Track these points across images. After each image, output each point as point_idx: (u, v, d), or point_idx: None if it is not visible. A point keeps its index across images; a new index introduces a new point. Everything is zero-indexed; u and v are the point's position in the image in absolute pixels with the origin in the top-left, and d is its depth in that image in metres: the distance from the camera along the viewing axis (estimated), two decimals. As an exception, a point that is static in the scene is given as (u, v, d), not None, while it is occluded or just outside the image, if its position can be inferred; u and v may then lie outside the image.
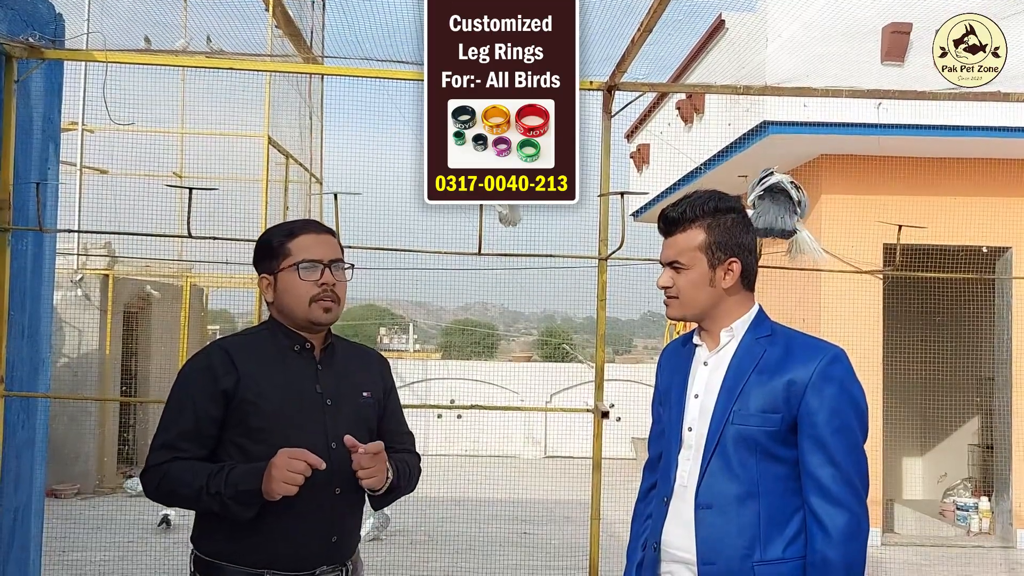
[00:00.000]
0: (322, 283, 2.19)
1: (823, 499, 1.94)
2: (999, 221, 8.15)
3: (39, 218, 3.79)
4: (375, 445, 2.10)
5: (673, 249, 2.12)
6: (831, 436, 1.95)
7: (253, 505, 2.02)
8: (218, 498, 2.02)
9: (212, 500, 2.03)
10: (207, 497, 2.03)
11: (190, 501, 2.08)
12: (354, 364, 2.32)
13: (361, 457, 2.06)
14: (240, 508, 2.03)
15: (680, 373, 2.16)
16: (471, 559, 7.13)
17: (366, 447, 2.08)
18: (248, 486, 2.00)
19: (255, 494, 2.00)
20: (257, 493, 2.00)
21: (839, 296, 7.92)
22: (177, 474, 2.08)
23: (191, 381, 2.16)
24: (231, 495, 2.01)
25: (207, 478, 2.04)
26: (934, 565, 7.54)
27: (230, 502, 2.02)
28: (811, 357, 2.00)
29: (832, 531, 1.91)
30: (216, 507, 2.04)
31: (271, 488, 1.98)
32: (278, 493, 1.98)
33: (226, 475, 2.03)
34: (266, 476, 1.99)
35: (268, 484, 1.99)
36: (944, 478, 9.86)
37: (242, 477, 2.02)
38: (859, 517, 1.94)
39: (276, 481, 1.97)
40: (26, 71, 3.81)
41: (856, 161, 8.12)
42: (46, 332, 4.29)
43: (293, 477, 1.97)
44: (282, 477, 1.97)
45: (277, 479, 1.97)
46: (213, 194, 6.64)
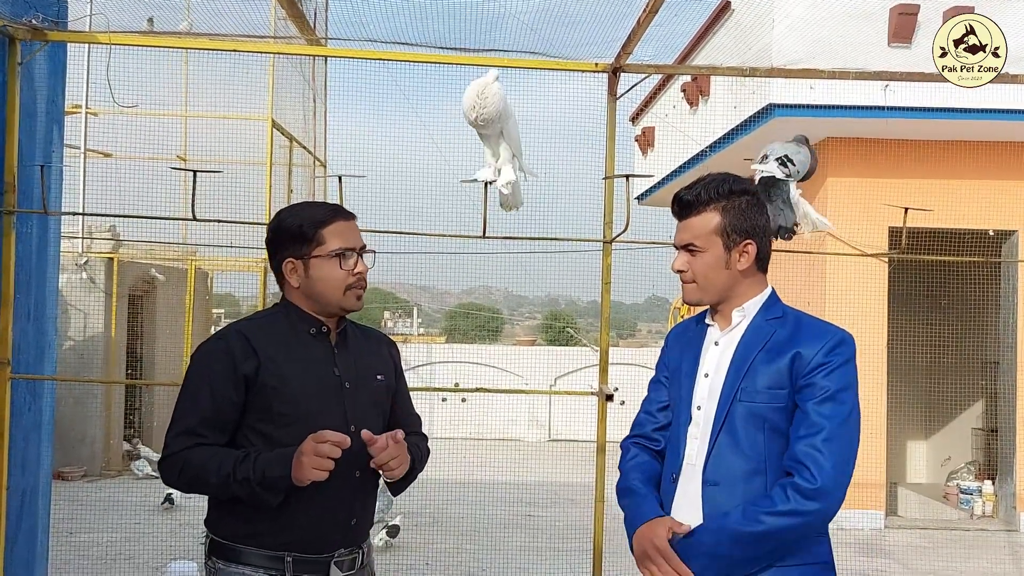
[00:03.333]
0: (357, 272, 2.20)
1: (813, 449, 1.91)
2: (1005, 204, 8.11)
3: (44, 201, 3.79)
4: (398, 433, 2.09)
5: (688, 232, 2.11)
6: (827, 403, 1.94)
7: (281, 491, 2.02)
8: (246, 484, 2.01)
9: (240, 487, 2.02)
10: (235, 484, 2.02)
11: (216, 488, 2.07)
12: (366, 347, 2.32)
13: (383, 446, 2.05)
14: (269, 494, 2.02)
15: (691, 352, 2.16)
16: (476, 541, 7.17)
17: (389, 435, 2.07)
18: (277, 472, 1.99)
19: (284, 480, 1.99)
20: (286, 479, 1.99)
21: (844, 279, 7.90)
22: (200, 461, 2.06)
23: (209, 366, 2.14)
24: (259, 481, 2.00)
25: (233, 465, 2.02)
26: (937, 548, 7.56)
27: (258, 488, 2.01)
28: (819, 337, 2.01)
29: (809, 484, 1.89)
30: (244, 494, 2.03)
31: (301, 475, 1.97)
32: (308, 479, 1.98)
33: (253, 462, 2.02)
34: (295, 463, 1.98)
35: (298, 471, 1.97)
36: (948, 461, 9.88)
37: (270, 463, 2.01)
38: (830, 503, 1.91)
39: (306, 468, 1.96)
40: (29, 53, 3.80)
41: (862, 144, 8.08)
42: (52, 315, 4.30)
43: (322, 462, 1.96)
44: (312, 463, 1.96)
45: (307, 465, 1.96)
46: (217, 177, 6.62)
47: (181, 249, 10.29)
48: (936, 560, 7.15)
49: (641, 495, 2.12)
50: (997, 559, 7.33)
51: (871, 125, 7.63)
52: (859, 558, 7.00)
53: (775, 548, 1.93)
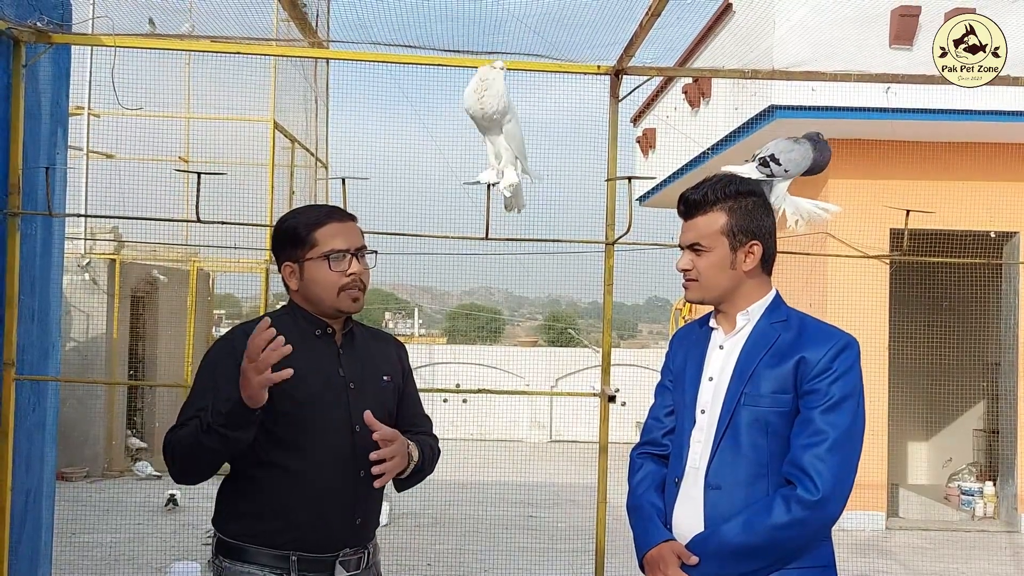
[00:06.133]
0: (350, 273, 2.20)
1: (816, 457, 1.92)
2: (1007, 206, 8.12)
3: (48, 203, 3.80)
4: (391, 432, 2.10)
5: (694, 232, 2.11)
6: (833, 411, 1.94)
7: (247, 423, 1.99)
8: (214, 433, 1.98)
9: (210, 438, 1.99)
10: (204, 437, 2.00)
11: (197, 452, 2.05)
12: (373, 348, 2.33)
13: (382, 443, 2.06)
14: (238, 431, 1.99)
15: (695, 355, 2.16)
16: (477, 542, 7.17)
17: (381, 431, 2.07)
18: (231, 406, 1.96)
19: (240, 407, 1.96)
20: (240, 404, 1.95)
21: (845, 280, 7.91)
22: (181, 435, 2.07)
23: (214, 366, 2.16)
24: (221, 422, 1.97)
25: (201, 422, 2.01)
26: (938, 549, 7.57)
27: (223, 430, 1.98)
28: (824, 342, 2.00)
29: (810, 492, 1.90)
30: (217, 443, 2.00)
31: (249, 390, 1.93)
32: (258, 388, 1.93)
33: (211, 407, 2.00)
34: (241, 383, 1.94)
35: (246, 388, 1.93)
36: (949, 463, 9.88)
37: (222, 401, 1.98)
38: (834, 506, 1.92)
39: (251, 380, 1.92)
40: (34, 56, 3.81)
41: (863, 145, 8.09)
42: (56, 316, 4.31)
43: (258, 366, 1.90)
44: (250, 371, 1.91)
45: (250, 377, 1.92)
46: (219, 179, 6.60)
47: (183, 250, 10.31)
48: (937, 561, 7.16)
49: (647, 514, 2.12)
50: (998, 560, 7.33)
51: (872, 127, 7.64)
52: (860, 559, 7.00)
53: (778, 558, 1.95)
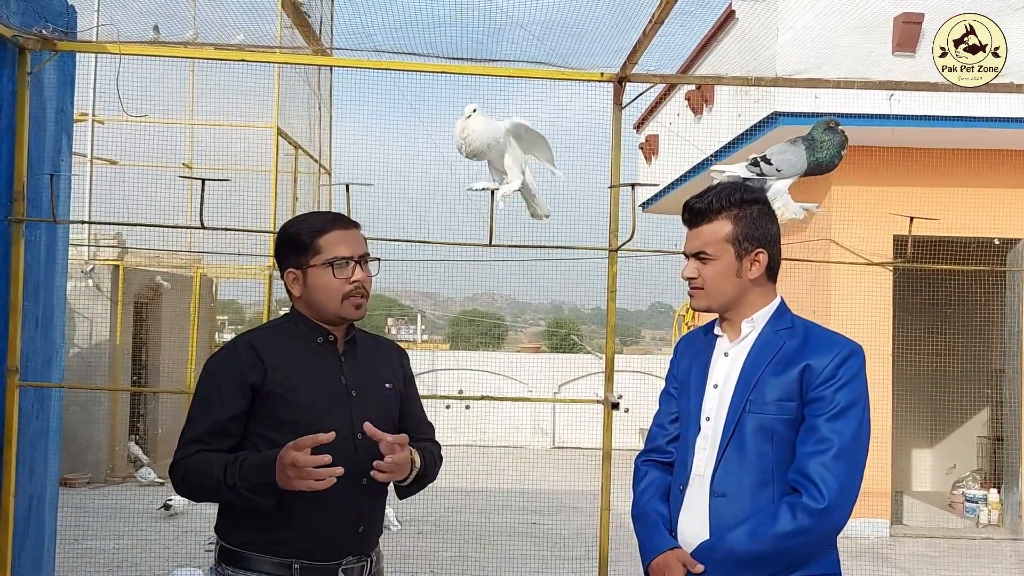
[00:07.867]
0: (354, 280, 2.20)
1: (822, 465, 1.92)
2: (1011, 213, 8.11)
3: (53, 210, 3.81)
4: (401, 437, 2.10)
5: (699, 240, 2.11)
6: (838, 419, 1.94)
7: (273, 494, 2.03)
8: (236, 491, 2.03)
9: (231, 492, 2.03)
10: (226, 489, 2.04)
11: (213, 493, 2.09)
12: (375, 355, 2.33)
13: (389, 448, 2.06)
14: (260, 498, 2.03)
15: (700, 362, 2.16)
16: (480, 549, 7.16)
17: (393, 438, 2.08)
18: (262, 479, 2.00)
19: (271, 486, 2.01)
20: (272, 485, 2.00)
21: (849, 287, 7.90)
22: (197, 466, 2.09)
23: (217, 375, 2.17)
24: (247, 487, 2.02)
25: (223, 470, 2.04)
26: (943, 557, 7.54)
27: (247, 494, 2.02)
28: (829, 349, 2.00)
29: (816, 501, 1.90)
30: (237, 499, 2.05)
31: (289, 485, 1.97)
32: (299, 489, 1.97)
33: (239, 467, 2.03)
34: (279, 474, 1.97)
35: (284, 482, 1.97)
36: (953, 470, 9.86)
37: (254, 470, 2.02)
38: (840, 513, 1.93)
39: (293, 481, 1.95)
40: (39, 63, 3.83)
41: (867, 152, 8.08)
42: (59, 323, 4.31)
43: (312, 472, 1.95)
44: (299, 476, 1.94)
45: (293, 479, 1.95)
46: (222, 185, 6.63)
47: (186, 256, 10.32)
48: (941, 569, 7.13)
49: (652, 522, 2.12)
50: (1003, 568, 7.30)
51: (876, 134, 7.64)
52: (864, 567, 6.98)
53: (784, 566, 1.95)
